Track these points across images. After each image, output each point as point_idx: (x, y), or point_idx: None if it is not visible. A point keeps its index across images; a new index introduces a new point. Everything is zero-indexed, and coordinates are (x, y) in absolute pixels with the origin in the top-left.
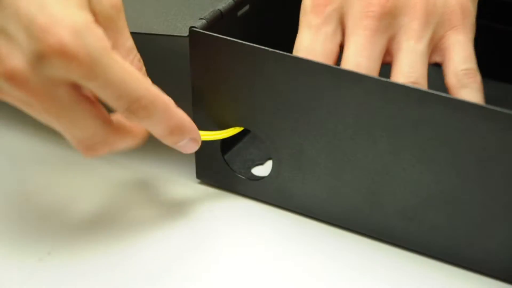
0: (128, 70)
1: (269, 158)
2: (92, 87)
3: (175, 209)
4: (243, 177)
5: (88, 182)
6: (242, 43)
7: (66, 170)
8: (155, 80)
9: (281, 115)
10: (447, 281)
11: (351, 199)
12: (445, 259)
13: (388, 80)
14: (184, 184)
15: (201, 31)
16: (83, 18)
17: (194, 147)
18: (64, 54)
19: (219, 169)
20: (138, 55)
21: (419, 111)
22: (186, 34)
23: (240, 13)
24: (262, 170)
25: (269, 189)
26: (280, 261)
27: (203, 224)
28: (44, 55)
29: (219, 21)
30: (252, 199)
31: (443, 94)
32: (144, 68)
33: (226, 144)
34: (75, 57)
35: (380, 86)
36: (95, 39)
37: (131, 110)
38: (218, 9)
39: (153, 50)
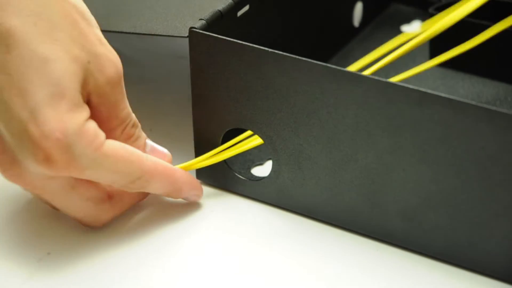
0: (121, 157)
1: (269, 158)
2: (87, 179)
3: (175, 209)
4: (243, 177)
5: None
6: (242, 43)
7: None
8: (155, 81)
9: (280, 115)
10: (447, 281)
11: (351, 199)
12: (445, 259)
13: (388, 80)
14: None
15: (200, 31)
16: (74, 124)
17: (195, 200)
18: (51, 166)
19: (219, 169)
20: (133, 121)
21: (419, 111)
22: (186, 34)
23: (240, 13)
24: (262, 170)
25: (269, 189)
26: (280, 261)
27: (203, 224)
28: (35, 165)
29: (218, 22)
30: (252, 199)
31: (443, 95)
32: (137, 130)
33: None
34: (63, 168)
35: (380, 86)
36: (85, 145)
37: (129, 187)
38: (218, 10)
39: (153, 50)
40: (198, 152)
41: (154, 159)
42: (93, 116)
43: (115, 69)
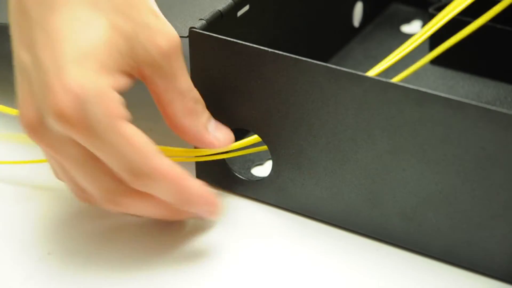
0: (134, 143)
1: (269, 158)
2: (93, 152)
3: None
4: (243, 178)
5: None
6: (242, 43)
7: None
8: None
9: (280, 115)
10: (447, 281)
11: (351, 199)
12: (445, 259)
13: (388, 80)
14: None
15: (200, 31)
16: (96, 85)
17: (207, 217)
18: (62, 120)
19: (219, 169)
20: (196, 97)
21: (419, 111)
22: (186, 34)
23: (240, 13)
24: (262, 170)
25: (269, 189)
26: (280, 261)
27: (203, 224)
28: (47, 114)
29: (218, 22)
30: (252, 199)
31: (443, 94)
32: (201, 107)
33: None
34: (73, 125)
35: (380, 86)
36: (101, 110)
37: (132, 182)
38: (218, 10)
39: None
40: (198, 152)
41: (170, 163)
42: (150, 88)
43: (167, 41)
